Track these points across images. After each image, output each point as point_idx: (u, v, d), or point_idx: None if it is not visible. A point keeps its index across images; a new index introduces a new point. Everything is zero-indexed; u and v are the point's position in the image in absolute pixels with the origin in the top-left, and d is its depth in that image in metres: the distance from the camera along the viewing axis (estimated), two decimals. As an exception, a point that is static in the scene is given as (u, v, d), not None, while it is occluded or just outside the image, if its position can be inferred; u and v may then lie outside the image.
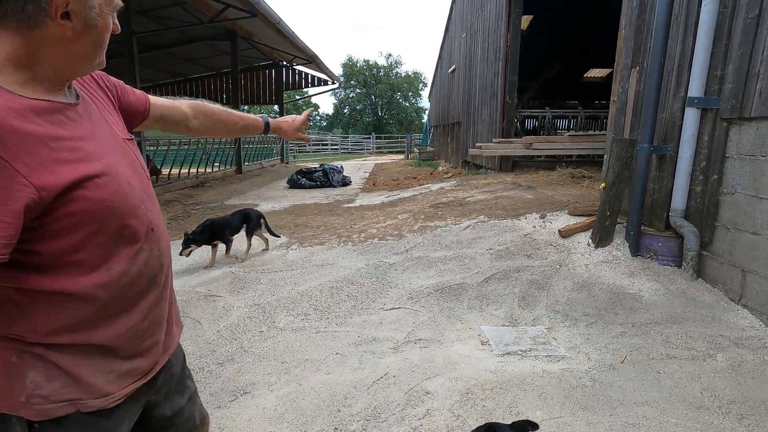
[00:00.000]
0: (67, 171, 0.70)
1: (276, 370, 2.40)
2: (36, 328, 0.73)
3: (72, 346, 0.76)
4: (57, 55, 0.73)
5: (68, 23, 0.71)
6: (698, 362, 2.32)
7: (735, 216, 2.94)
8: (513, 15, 7.90)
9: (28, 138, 0.67)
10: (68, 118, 0.76)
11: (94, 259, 0.76)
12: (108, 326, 0.80)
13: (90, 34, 0.75)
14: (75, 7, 0.71)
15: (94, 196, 0.73)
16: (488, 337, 2.67)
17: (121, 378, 0.83)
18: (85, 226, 0.74)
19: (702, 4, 3.05)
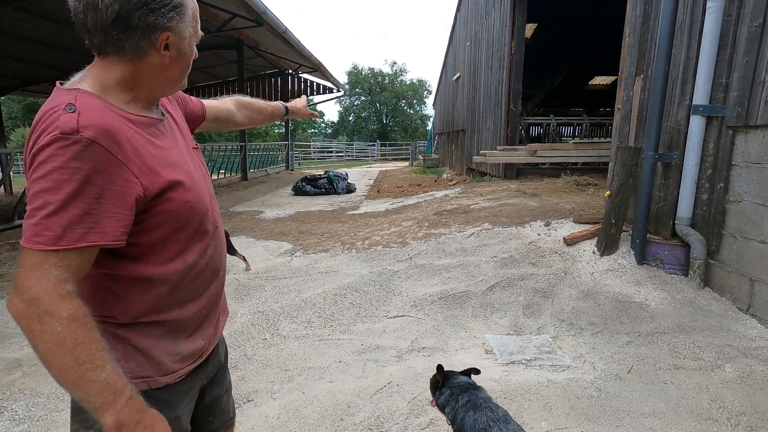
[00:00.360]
0: (162, 176, 0.84)
1: (279, 378, 2.40)
2: (127, 310, 0.86)
3: (150, 325, 0.89)
4: (155, 79, 0.88)
5: (167, 53, 0.86)
6: (706, 373, 2.29)
7: (742, 224, 2.91)
8: (517, 23, 7.94)
9: (136, 146, 0.81)
10: (159, 131, 0.91)
11: (175, 251, 0.89)
12: (180, 309, 0.93)
13: (181, 61, 0.90)
14: (174, 40, 0.86)
15: (181, 198, 0.87)
16: (492, 346, 2.65)
17: (184, 358, 0.95)
18: (172, 222, 0.87)
19: (706, 12, 3.05)
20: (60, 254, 0.73)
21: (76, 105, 0.75)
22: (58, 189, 0.72)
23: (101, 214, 0.75)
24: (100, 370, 0.74)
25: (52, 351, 0.72)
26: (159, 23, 0.82)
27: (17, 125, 27.78)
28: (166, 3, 0.82)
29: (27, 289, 0.72)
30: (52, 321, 0.71)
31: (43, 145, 0.73)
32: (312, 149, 29.87)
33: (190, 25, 0.88)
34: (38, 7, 6.72)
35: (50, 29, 7.74)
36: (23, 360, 2.65)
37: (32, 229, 0.72)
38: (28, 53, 9.21)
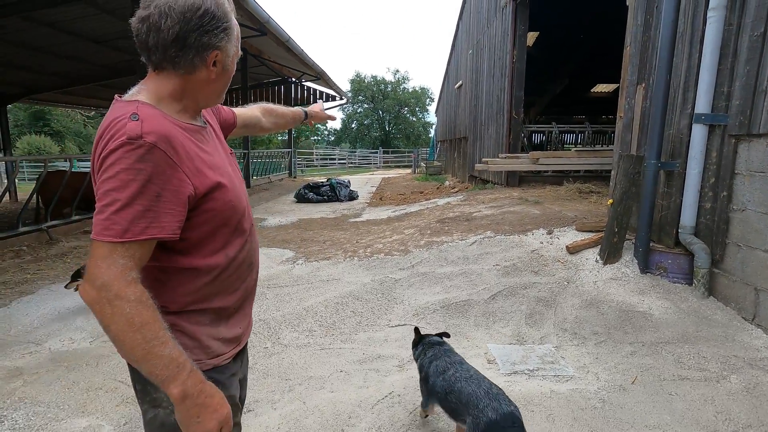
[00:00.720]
0: (209, 177, 0.93)
1: (280, 387, 2.38)
2: (175, 299, 0.95)
3: (196, 313, 0.98)
4: (201, 92, 0.98)
5: (214, 69, 0.96)
6: (711, 384, 2.26)
7: (746, 233, 2.90)
8: (519, 32, 7.99)
9: (188, 150, 0.91)
10: (204, 138, 1.00)
11: (218, 245, 0.99)
12: (221, 298, 1.02)
13: (225, 76, 1.00)
14: (221, 57, 0.96)
15: (224, 197, 0.96)
16: (495, 356, 2.63)
17: (228, 343, 1.05)
18: (216, 220, 0.96)
19: (707, 22, 3.06)
20: (126, 245, 0.82)
21: (139, 114, 0.85)
22: (124, 188, 0.81)
23: (160, 211, 0.84)
24: (164, 346, 0.82)
25: (123, 330, 0.80)
26: (211, 43, 0.93)
27: (23, 133, 28.01)
28: (218, 25, 0.93)
29: (98, 276, 0.80)
30: (121, 303, 0.80)
31: (112, 149, 0.82)
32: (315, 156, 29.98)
33: (234, 45, 0.99)
34: (46, 17, 6.81)
35: (57, 38, 7.84)
36: (24, 368, 2.65)
37: (102, 224, 0.81)
38: (35, 62, 9.32)
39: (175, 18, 0.88)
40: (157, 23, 0.88)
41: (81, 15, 6.89)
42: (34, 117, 29.99)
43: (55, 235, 6.01)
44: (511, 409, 1.49)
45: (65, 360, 2.75)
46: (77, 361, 2.72)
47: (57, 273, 4.55)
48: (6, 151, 12.28)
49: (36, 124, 29.81)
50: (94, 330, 3.21)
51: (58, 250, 5.45)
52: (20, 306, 3.65)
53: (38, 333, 3.17)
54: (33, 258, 5.10)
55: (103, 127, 0.86)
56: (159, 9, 0.88)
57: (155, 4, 0.89)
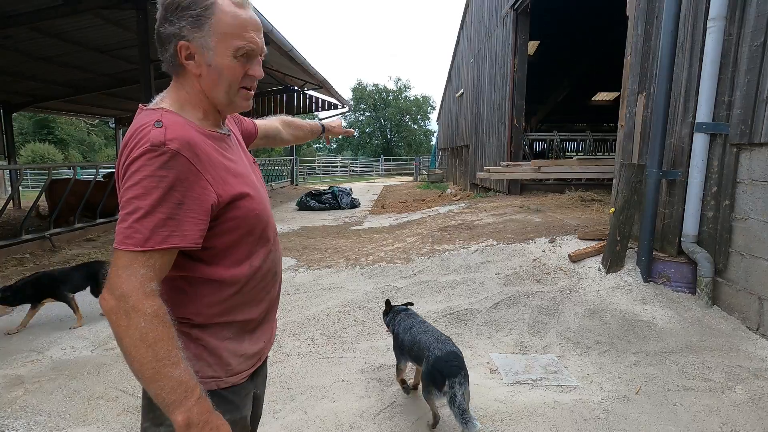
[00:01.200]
0: (232, 185, 0.91)
1: (281, 397, 2.37)
2: (200, 311, 0.92)
3: (221, 326, 0.95)
4: (204, 92, 0.93)
5: (192, 63, 0.90)
6: (716, 394, 2.24)
7: (749, 242, 2.89)
8: (519, 41, 8.05)
9: (211, 158, 0.89)
10: (228, 145, 0.98)
11: (242, 255, 0.96)
12: (246, 311, 0.99)
13: (213, 74, 0.91)
14: (195, 50, 0.89)
15: (248, 206, 0.94)
16: (498, 365, 2.62)
17: (248, 360, 1.01)
18: (241, 228, 0.94)
19: (706, 32, 3.09)
20: (147, 254, 0.80)
21: (163, 121, 0.84)
22: (147, 195, 0.80)
23: (182, 219, 0.82)
24: (174, 367, 0.79)
25: (135, 345, 0.77)
26: (173, 32, 0.88)
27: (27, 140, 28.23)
28: (182, 14, 0.87)
29: (118, 286, 0.78)
30: (137, 316, 0.77)
31: (135, 157, 0.81)
32: (317, 164, 30.09)
33: (213, 36, 0.89)
34: (53, 27, 6.90)
35: (63, 48, 7.93)
36: (25, 377, 2.65)
37: (124, 232, 0.80)
38: (41, 72, 9.42)
39: (158, 15, 0.90)
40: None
41: (87, 25, 6.98)
42: (38, 125, 30.23)
43: (57, 243, 6.03)
44: (453, 349, 1.98)
45: (67, 368, 2.75)
46: (79, 370, 2.72)
47: (59, 281, 4.55)
48: (10, 159, 12.36)
49: (40, 132, 30.03)
50: (96, 338, 3.21)
51: (60, 258, 5.46)
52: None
53: (40, 341, 3.17)
54: (36, 266, 5.12)
55: (128, 135, 0.86)
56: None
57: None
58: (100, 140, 33.93)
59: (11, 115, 12.42)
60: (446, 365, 1.87)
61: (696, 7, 3.29)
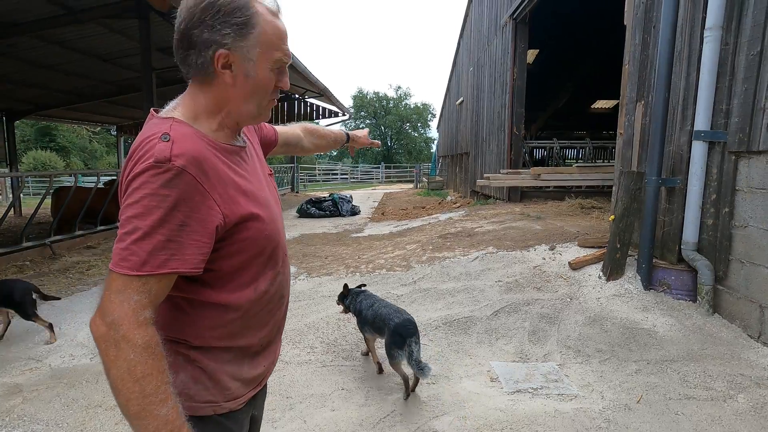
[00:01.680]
0: (242, 205, 0.85)
1: (281, 405, 2.36)
2: (200, 333, 0.86)
3: (221, 350, 0.89)
4: (229, 102, 0.87)
5: (229, 73, 0.84)
6: (718, 403, 2.22)
7: (749, 250, 2.89)
8: (519, 50, 8.12)
9: (221, 175, 0.82)
10: (242, 159, 0.92)
11: (248, 278, 0.90)
12: (249, 335, 0.93)
13: (248, 85, 0.87)
14: (235, 59, 0.84)
15: (258, 226, 0.88)
16: (498, 374, 2.60)
17: (247, 384, 0.95)
18: (249, 250, 0.88)
19: (703, 41, 3.11)
20: (143, 279, 0.74)
21: (170, 134, 0.78)
22: (146, 215, 0.74)
23: (183, 242, 0.76)
24: (162, 404, 0.74)
25: (122, 378, 0.72)
26: (213, 39, 0.82)
27: (29, 148, 28.36)
28: (224, 20, 0.81)
29: (110, 312, 0.73)
30: (127, 347, 0.72)
31: (137, 173, 0.76)
32: (317, 171, 30.15)
33: (257, 47, 0.84)
34: (57, 36, 6.96)
35: (66, 56, 8.00)
36: (24, 385, 2.64)
37: (120, 254, 0.75)
38: (44, 79, 9.49)
39: (183, 15, 0.82)
40: (176, 24, 0.84)
41: (90, 34, 7.04)
42: (40, 132, 30.39)
43: (58, 251, 6.03)
44: (409, 317, 2.45)
45: (65, 376, 2.74)
46: (77, 378, 2.71)
47: (59, 288, 4.55)
48: (12, 166, 12.40)
49: (42, 139, 30.18)
50: (95, 346, 3.19)
51: (60, 266, 5.46)
52: (21, 322, 3.64)
53: (39, 349, 3.16)
54: (35, 273, 5.11)
55: (134, 146, 0.80)
56: (179, 10, 0.84)
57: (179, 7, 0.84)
58: (102, 148, 34.08)
59: (13, 122, 12.49)
60: (405, 329, 2.34)
61: (693, 16, 3.32)
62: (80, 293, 4.42)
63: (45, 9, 5.92)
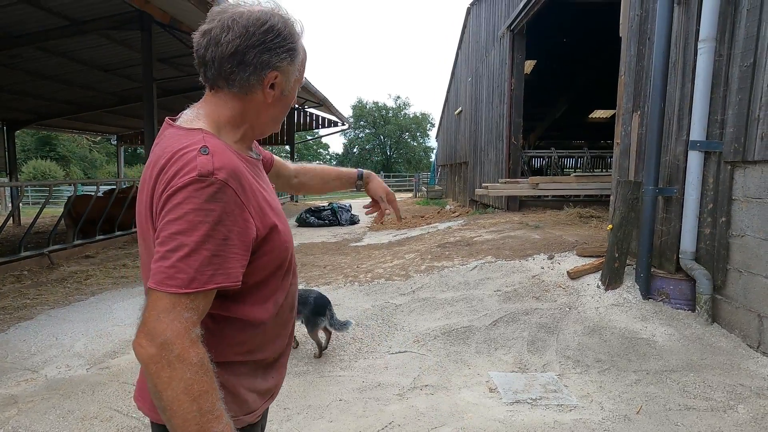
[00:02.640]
0: (270, 217, 0.86)
1: (277, 417, 2.34)
2: (222, 350, 0.85)
3: (240, 365, 0.89)
4: (258, 118, 0.90)
5: (272, 92, 0.88)
6: (718, 414, 2.21)
7: (747, 259, 2.89)
8: (516, 60, 8.20)
9: (253, 187, 0.83)
10: (260, 170, 0.94)
11: (269, 291, 0.90)
12: (266, 348, 0.93)
13: (282, 102, 0.91)
14: (280, 80, 0.88)
15: (280, 238, 0.88)
16: (497, 384, 2.59)
17: (262, 395, 0.95)
18: (275, 262, 0.89)
19: (697, 53, 3.16)
20: (191, 296, 0.73)
21: (209, 147, 0.77)
22: (192, 230, 0.72)
23: (227, 256, 0.76)
24: (218, 421, 0.73)
25: (179, 399, 0.70)
26: (271, 62, 0.85)
27: (30, 157, 28.43)
28: (282, 45, 0.85)
29: (160, 332, 0.70)
30: (182, 367, 0.70)
31: (180, 187, 0.73)
32: (317, 180, 30.16)
33: (297, 70, 0.90)
34: (59, 47, 7.04)
35: (68, 67, 8.07)
36: (19, 396, 2.61)
37: (166, 272, 0.72)
38: (46, 90, 9.56)
39: (237, 32, 0.82)
40: (218, 37, 0.83)
41: (93, 45, 7.12)
42: (40, 142, 30.48)
43: (56, 260, 6.02)
44: (320, 293, 3.05)
45: (61, 388, 2.72)
46: (73, 389, 2.69)
47: (57, 298, 4.53)
48: (12, 175, 12.43)
49: (42, 149, 30.26)
50: (92, 357, 3.18)
51: (58, 275, 5.45)
52: (18, 332, 3.63)
53: (35, 359, 3.14)
54: (33, 283, 5.10)
55: (165, 157, 0.77)
56: (222, 22, 0.83)
57: (220, 18, 0.84)
58: (102, 157, 34.18)
59: (14, 132, 12.55)
60: (323, 300, 2.98)
61: (687, 28, 3.37)
62: (78, 303, 4.40)
63: (49, 21, 6.00)
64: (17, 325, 3.75)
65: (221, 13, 0.85)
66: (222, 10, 0.86)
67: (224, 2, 0.90)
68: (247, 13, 0.84)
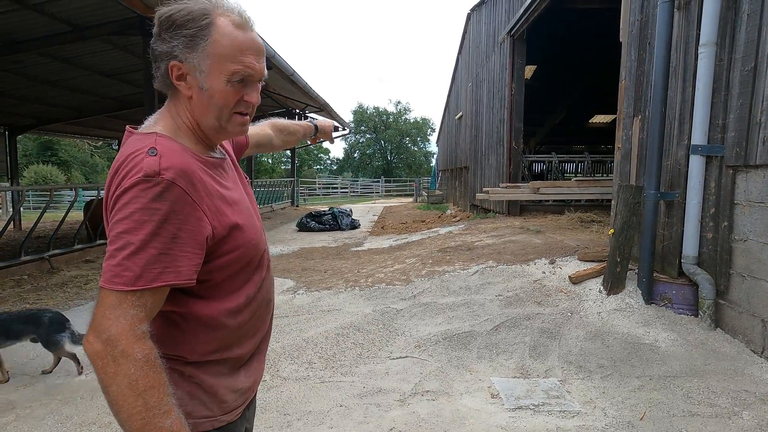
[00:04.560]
0: (228, 216, 0.86)
1: (278, 423, 2.32)
2: (195, 348, 0.86)
3: (216, 363, 0.89)
4: (195, 115, 0.88)
5: (184, 84, 0.86)
6: (723, 420, 2.19)
7: (749, 264, 2.88)
8: (516, 66, 8.23)
9: (207, 187, 0.83)
10: (224, 170, 0.93)
11: (238, 286, 0.91)
12: (241, 344, 0.93)
13: (204, 98, 0.86)
14: (187, 71, 0.85)
15: (244, 235, 0.89)
16: (499, 390, 2.57)
17: (242, 394, 0.95)
18: (239, 260, 0.89)
19: (698, 57, 3.16)
20: (137, 294, 0.74)
21: (157, 148, 0.78)
22: (138, 229, 0.74)
23: (176, 254, 0.76)
24: (166, 416, 0.73)
25: (124, 394, 0.71)
26: (165, 50, 0.84)
27: (31, 162, 28.50)
28: (176, 32, 0.83)
29: (106, 328, 0.72)
30: (126, 362, 0.71)
31: (126, 187, 0.75)
32: (317, 185, 30.25)
33: (207, 59, 0.83)
34: (62, 52, 7.07)
35: (70, 72, 8.10)
36: (17, 402, 2.60)
37: (112, 270, 0.74)
38: (48, 95, 9.59)
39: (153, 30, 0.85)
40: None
41: (96, 50, 7.15)
42: (42, 147, 30.56)
43: (56, 265, 6.01)
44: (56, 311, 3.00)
45: (60, 393, 2.70)
46: (72, 395, 2.67)
47: (56, 302, 4.52)
48: (13, 180, 12.45)
49: (44, 153, 30.33)
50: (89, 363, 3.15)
51: (58, 280, 5.44)
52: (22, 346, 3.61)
53: (34, 364, 3.12)
54: (33, 287, 5.08)
55: (118, 162, 0.80)
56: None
57: None
58: (103, 162, 34.25)
59: (16, 137, 12.58)
60: (59, 316, 2.91)
61: (687, 33, 3.38)
62: (78, 307, 4.38)
63: (51, 26, 6.03)
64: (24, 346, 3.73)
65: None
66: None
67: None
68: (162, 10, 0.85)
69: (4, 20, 5.71)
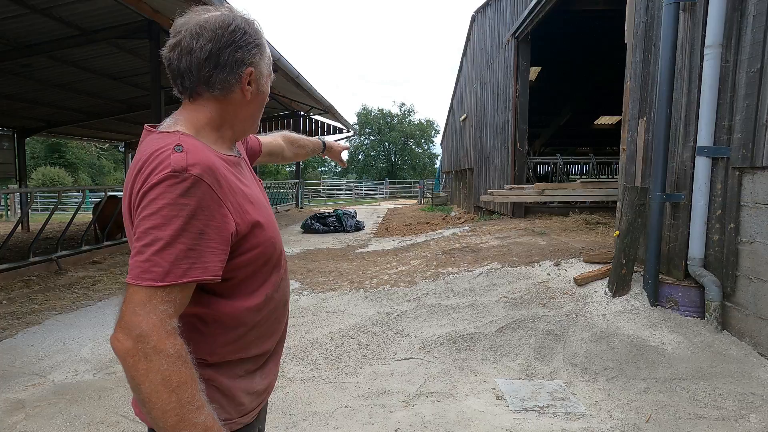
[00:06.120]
0: (250, 213, 0.87)
1: (283, 423, 2.33)
2: (215, 350, 0.86)
3: (235, 364, 0.89)
4: (237, 117, 0.93)
5: (249, 89, 0.92)
6: (729, 423, 2.18)
7: (756, 266, 2.86)
8: (521, 67, 8.23)
9: (231, 184, 0.84)
10: (242, 169, 0.96)
11: (258, 285, 0.91)
12: (260, 345, 0.94)
13: (259, 99, 0.95)
14: (255, 76, 0.92)
15: (264, 233, 0.90)
16: (503, 391, 2.57)
17: (258, 396, 0.96)
18: (260, 258, 0.90)
19: (704, 59, 3.15)
20: (167, 289, 0.74)
21: (183, 145, 0.80)
22: (166, 225, 0.74)
23: (203, 250, 0.77)
24: (199, 412, 0.73)
25: (157, 391, 0.71)
26: (245, 59, 0.89)
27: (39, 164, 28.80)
28: (251, 41, 0.90)
29: (136, 325, 0.71)
30: (159, 359, 0.71)
31: (154, 183, 0.76)
32: (322, 187, 30.32)
33: (267, 64, 0.95)
34: (70, 56, 7.15)
35: (79, 75, 8.20)
36: (26, 401, 2.63)
37: (141, 266, 0.74)
38: (56, 98, 9.71)
39: (207, 36, 0.85)
40: (189, 45, 0.85)
41: (103, 54, 7.24)
42: (50, 149, 30.88)
43: (64, 266, 6.07)
44: None
45: (68, 392, 2.73)
46: (80, 394, 2.70)
47: (64, 303, 4.56)
48: (22, 182, 12.59)
49: (52, 156, 30.63)
50: (99, 362, 3.19)
51: (66, 281, 5.49)
52: (26, 337, 3.65)
53: (42, 364, 3.16)
54: (41, 288, 5.14)
55: (142, 159, 0.80)
56: (190, 32, 0.86)
57: (186, 29, 0.86)
58: (110, 164, 34.55)
59: (25, 139, 12.73)
60: None
61: (692, 34, 3.37)
62: (85, 308, 4.43)
63: (60, 30, 6.11)
64: (25, 330, 3.78)
65: (185, 24, 0.88)
66: (185, 21, 0.88)
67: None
68: (211, 19, 0.87)
69: (14, 24, 5.79)
